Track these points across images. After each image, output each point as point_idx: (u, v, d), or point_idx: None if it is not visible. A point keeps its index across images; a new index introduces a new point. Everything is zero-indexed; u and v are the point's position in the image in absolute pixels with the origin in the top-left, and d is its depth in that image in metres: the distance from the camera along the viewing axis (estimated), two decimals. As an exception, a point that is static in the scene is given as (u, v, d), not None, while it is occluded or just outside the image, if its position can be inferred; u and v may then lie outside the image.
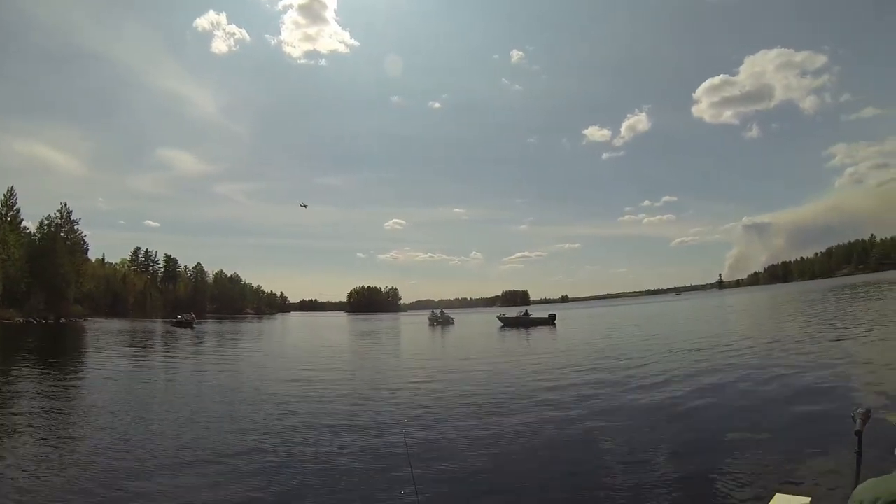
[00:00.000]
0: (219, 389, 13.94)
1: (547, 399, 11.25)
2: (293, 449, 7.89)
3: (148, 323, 72.88)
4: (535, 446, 7.85)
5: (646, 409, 9.93)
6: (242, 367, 20.07)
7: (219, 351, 29.12)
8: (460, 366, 18.68)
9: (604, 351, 20.91)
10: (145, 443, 8.45)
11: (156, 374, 18.41)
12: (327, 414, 10.47)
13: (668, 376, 13.32)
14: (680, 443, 7.58)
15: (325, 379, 15.69)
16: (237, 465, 7.19)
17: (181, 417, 10.43)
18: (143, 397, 13.01)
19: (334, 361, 22.06)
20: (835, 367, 12.89)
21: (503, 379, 14.77)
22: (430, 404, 11.22)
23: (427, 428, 9.01)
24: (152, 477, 6.70)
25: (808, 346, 16.93)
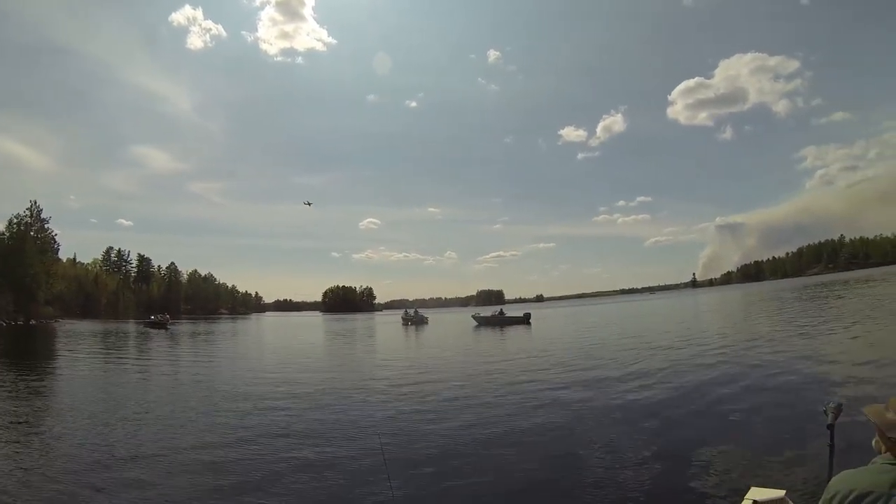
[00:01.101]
0: (192, 392, 13.61)
1: (523, 398, 11.26)
2: (266, 451, 7.76)
3: (121, 324, 71.27)
4: (513, 445, 7.84)
5: (622, 406, 9.99)
6: (217, 369, 19.68)
7: (193, 352, 28.58)
8: (435, 366, 18.57)
9: (579, 350, 20.99)
10: (114, 448, 8.22)
11: (128, 377, 17.96)
12: (301, 415, 10.32)
13: (644, 374, 13.43)
14: (656, 440, 7.64)
15: (298, 380, 15.39)
16: (209, 469, 7.04)
17: (152, 421, 10.18)
18: (114, 401, 12.63)
19: (307, 362, 21.74)
20: (806, 363, 13.16)
21: (478, 379, 14.65)
22: (404, 404, 11.13)
23: (402, 430, 8.92)
24: (118, 483, 6.53)
25: (780, 344, 17.24)
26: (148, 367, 20.77)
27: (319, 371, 18.36)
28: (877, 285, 51.24)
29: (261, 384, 14.72)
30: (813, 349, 15.35)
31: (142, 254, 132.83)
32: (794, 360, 13.59)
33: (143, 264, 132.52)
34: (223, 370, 19.18)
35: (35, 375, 18.03)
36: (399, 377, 15.66)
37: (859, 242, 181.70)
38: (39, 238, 78.92)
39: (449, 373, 16.15)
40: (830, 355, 14.03)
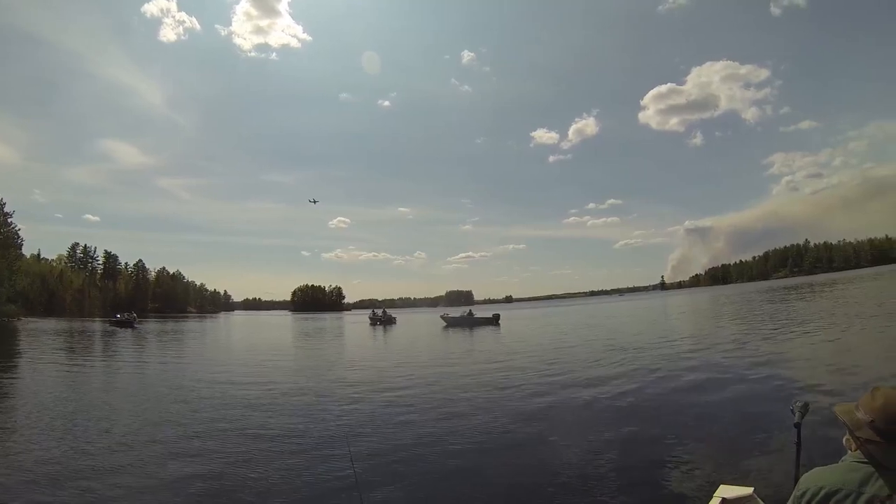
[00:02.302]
0: (158, 394, 13.16)
1: (492, 399, 11.26)
2: (230, 457, 7.53)
3: (86, 322, 69.53)
4: (483, 446, 7.81)
5: (591, 407, 10.05)
6: (185, 370, 19.09)
7: (161, 352, 27.82)
8: (404, 368, 18.26)
9: (548, 351, 20.96)
10: (73, 451, 7.97)
11: (92, 378, 17.41)
12: (267, 419, 10.10)
13: (612, 375, 13.52)
14: (626, 440, 7.70)
15: (265, 382, 15.05)
16: (171, 476, 6.81)
17: (115, 427, 9.82)
18: (76, 403, 12.26)
19: (274, 364, 21.19)
20: (772, 363, 13.44)
21: (447, 380, 14.50)
22: (373, 407, 10.98)
23: (371, 433, 8.80)
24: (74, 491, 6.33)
25: (747, 345, 17.56)
26: (113, 368, 20.19)
27: (286, 373, 18.03)
28: (840, 289, 52.63)
29: (227, 386, 14.38)
30: (779, 350, 15.68)
31: (109, 250, 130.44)
32: (760, 361, 13.84)
33: (110, 261, 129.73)
34: (191, 371, 18.66)
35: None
36: (366, 379, 15.43)
37: (823, 247, 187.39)
38: (2, 233, 76.22)
39: (418, 375, 15.92)
40: (796, 356, 14.36)
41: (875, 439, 1.94)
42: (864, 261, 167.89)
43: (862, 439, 1.99)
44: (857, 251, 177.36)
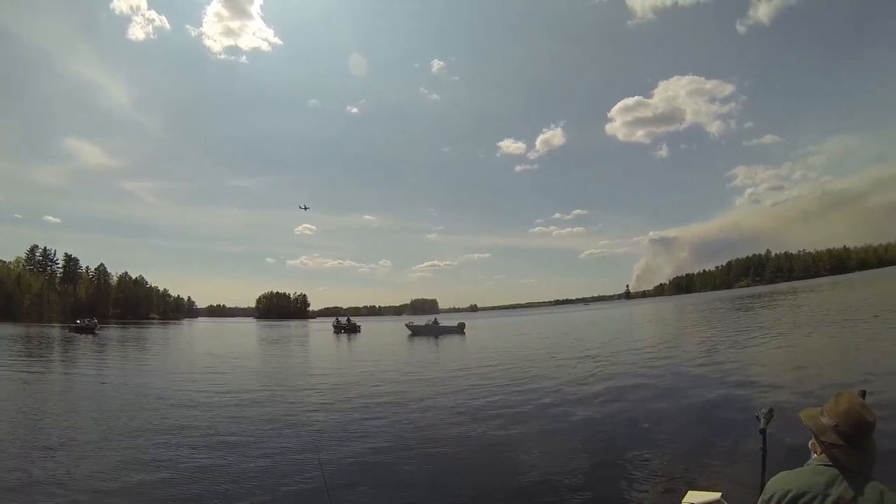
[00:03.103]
0: (120, 404, 12.65)
1: (458, 408, 11.25)
2: (196, 468, 7.30)
3: (45, 328, 66.99)
4: (450, 455, 7.79)
5: (557, 415, 10.07)
6: (148, 378, 18.47)
7: (122, 360, 26.99)
8: (370, 376, 17.98)
9: (514, 360, 20.94)
10: (28, 464, 7.62)
11: (52, 386, 16.71)
12: (234, 428, 9.87)
13: (578, 383, 13.61)
14: (593, 448, 7.76)
15: (230, 391, 14.68)
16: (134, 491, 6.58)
17: (77, 434, 9.52)
18: (32, 412, 11.74)
19: (239, 372, 20.61)
20: (737, 370, 13.71)
21: (414, 389, 14.40)
22: (341, 416, 10.85)
23: (340, 441, 8.70)
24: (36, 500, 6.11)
25: (711, 352, 17.88)
26: (73, 376, 19.44)
27: (251, 380, 17.61)
28: (800, 297, 54.20)
29: (192, 394, 14.00)
30: (743, 357, 16.01)
31: (69, 253, 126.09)
32: (725, 368, 14.10)
33: (71, 265, 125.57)
34: (154, 379, 18.09)
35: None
36: (332, 387, 15.27)
37: (784, 257, 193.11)
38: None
39: (384, 383, 15.76)
40: (760, 363, 14.68)
41: (839, 443, 2.00)
42: (822, 270, 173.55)
43: (826, 443, 2.05)
44: (816, 261, 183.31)
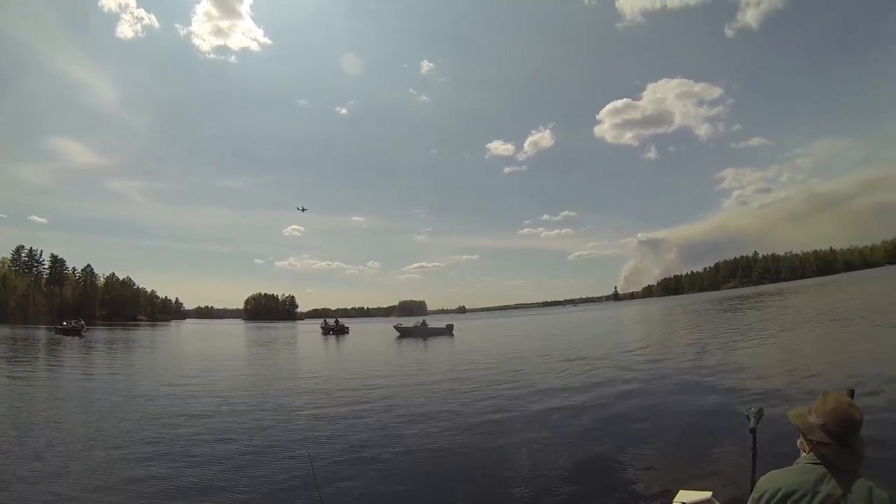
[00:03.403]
0: (109, 406, 12.53)
1: (448, 409, 11.24)
2: (187, 469, 7.28)
3: (30, 330, 66.29)
4: (441, 456, 7.78)
5: (548, 416, 10.09)
6: (136, 381, 18.30)
7: (110, 362, 26.75)
8: (359, 378, 17.98)
9: (503, 361, 20.93)
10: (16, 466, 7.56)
11: (35, 390, 16.40)
12: (224, 429, 9.83)
13: (568, 384, 13.63)
14: (584, 448, 7.78)
15: (219, 393, 14.59)
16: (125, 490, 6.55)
17: (64, 435, 9.46)
18: (19, 414, 11.66)
19: (228, 374, 20.52)
20: (726, 370, 13.83)
21: (403, 390, 14.43)
22: (330, 417, 10.82)
23: (330, 443, 8.65)
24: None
25: (701, 353, 17.96)
26: (60, 379, 19.22)
27: (241, 382, 17.57)
28: (787, 298, 54.73)
29: (181, 397, 13.90)
30: (732, 358, 16.15)
31: (55, 254, 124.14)
32: (715, 369, 14.18)
33: (57, 265, 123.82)
34: (143, 381, 17.95)
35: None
36: (322, 388, 15.22)
37: (771, 259, 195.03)
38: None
39: (373, 386, 15.65)
40: (749, 363, 14.80)
41: (827, 441, 2.05)
42: (809, 271, 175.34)
43: (815, 442, 2.10)
44: (802, 262, 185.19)
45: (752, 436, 3.22)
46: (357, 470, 7.08)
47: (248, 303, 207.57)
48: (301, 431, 9.45)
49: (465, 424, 9.56)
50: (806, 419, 2.17)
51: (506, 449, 7.92)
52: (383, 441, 8.64)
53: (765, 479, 2.19)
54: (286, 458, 7.66)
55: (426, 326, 47.15)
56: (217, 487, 6.49)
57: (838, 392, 2.18)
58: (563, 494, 5.91)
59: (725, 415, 8.92)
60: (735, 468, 5.97)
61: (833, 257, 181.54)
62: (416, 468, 7.16)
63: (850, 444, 2.02)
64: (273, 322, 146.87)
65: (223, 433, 9.44)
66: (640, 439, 8.03)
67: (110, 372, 21.53)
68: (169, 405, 12.49)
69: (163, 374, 20.10)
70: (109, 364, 25.24)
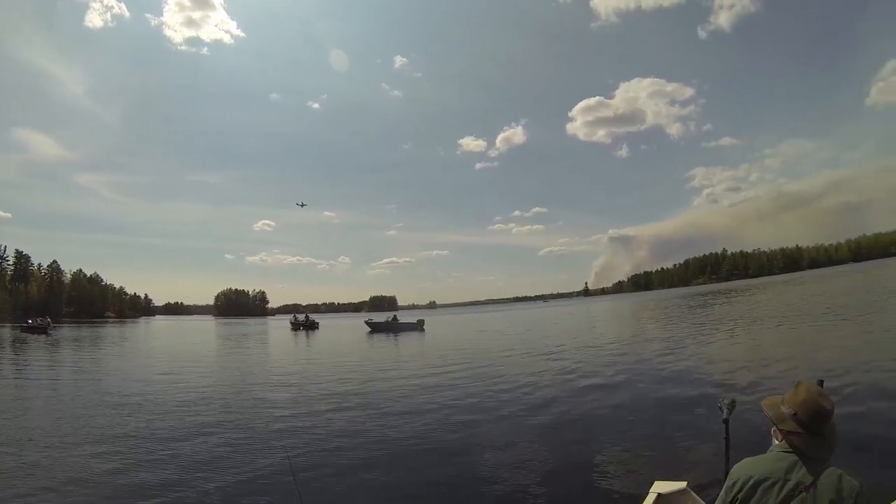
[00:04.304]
0: (77, 407, 12.23)
1: (422, 405, 11.23)
2: (162, 472, 7.10)
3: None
4: (415, 452, 7.76)
5: (523, 410, 10.11)
6: (105, 380, 17.82)
7: (77, 360, 26.00)
8: (332, 374, 17.83)
9: (475, 356, 20.90)
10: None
11: (2, 389, 15.95)
12: (199, 430, 9.61)
13: (541, 379, 13.70)
14: (558, 442, 7.86)
15: (191, 391, 14.36)
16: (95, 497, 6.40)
17: (32, 435, 9.27)
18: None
19: (199, 372, 20.05)
20: (698, 363, 14.16)
21: (376, 386, 14.37)
22: (306, 414, 10.75)
23: (308, 441, 8.58)
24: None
25: (673, 347, 18.26)
26: (26, 378, 18.75)
27: (212, 381, 17.16)
28: (755, 294, 56.11)
29: (151, 395, 13.60)
30: (704, 351, 16.48)
31: (20, 250, 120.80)
32: (687, 363, 14.46)
33: (22, 262, 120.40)
34: (113, 380, 17.51)
35: None
36: (295, 385, 15.10)
37: (739, 256, 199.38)
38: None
39: (346, 380, 15.63)
40: (720, 356, 15.15)
41: (798, 431, 2.12)
42: (776, 268, 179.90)
43: (786, 431, 2.17)
44: (770, 259, 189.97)
45: (725, 426, 3.31)
46: (335, 468, 7.06)
47: (219, 298, 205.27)
48: (277, 431, 9.35)
49: (439, 421, 9.54)
50: (778, 409, 2.24)
51: (480, 445, 7.90)
52: (359, 438, 8.60)
53: (737, 467, 2.25)
54: (263, 456, 7.60)
55: (397, 322, 47.10)
56: (192, 488, 6.41)
57: (810, 383, 2.24)
58: (539, 488, 5.95)
59: (699, 407, 9.09)
60: (709, 458, 6.10)
61: (799, 255, 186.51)
62: (393, 466, 7.13)
63: (821, 433, 2.09)
64: (244, 318, 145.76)
65: (195, 432, 9.30)
66: (614, 432, 8.12)
67: (78, 370, 20.98)
68: (139, 404, 12.25)
69: (132, 373, 19.66)
70: (77, 363, 24.56)
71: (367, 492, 6.28)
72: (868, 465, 4.47)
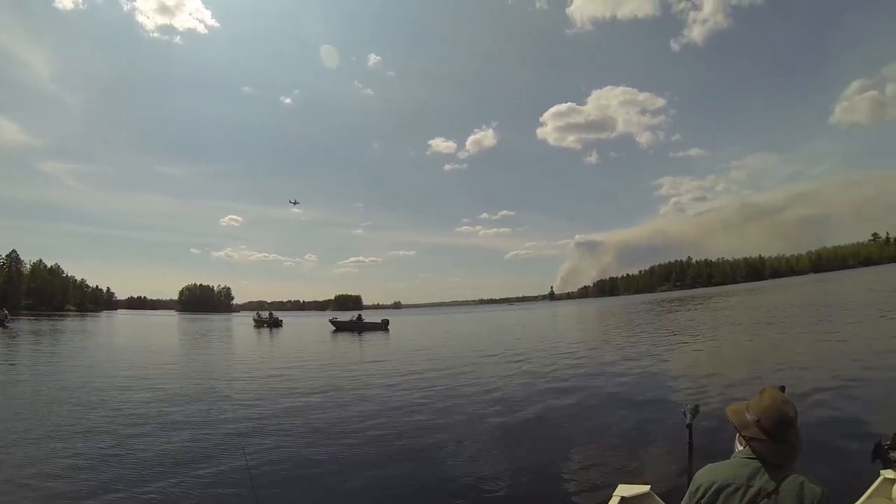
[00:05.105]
0: (31, 404, 11.79)
1: (384, 405, 11.14)
2: (113, 474, 6.81)
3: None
4: (378, 454, 7.66)
5: (485, 415, 10.00)
6: (65, 375, 17.30)
7: (34, 355, 25.02)
8: (294, 372, 17.62)
9: (439, 358, 20.80)
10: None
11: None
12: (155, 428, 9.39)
13: (504, 382, 13.63)
14: (522, 446, 7.83)
15: (152, 387, 14.02)
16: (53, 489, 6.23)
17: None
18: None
19: (158, 369, 19.44)
20: (663, 369, 14.30)
21: (337, 385, 14.23)
22: (265, 413, 10.60)
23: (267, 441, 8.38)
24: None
25: (637, 352, 18.44)
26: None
27: (172, 378, 16.64)
28: (718, 301, 57.52)
29: (112, 393, 13.20)
30: (668, 357, 16.68)
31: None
32: (651, 368, 14.61)
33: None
34: (71, 376, 16.83)
35: None
36: (258, 386, 14.62)
37: (704, 264, 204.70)
38: None
39: (308, 379, 15.52)
40: (684, 362, 15.36)
41: (761, 437, 2.12)
42: (739, 277, 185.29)
43: (748, 437, 2.18)
44: (733, 268, 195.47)
45: (688, 431, 3.35)
46: (292, 465, 6.99)
47: (183, 293, 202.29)
48: (234, 428, 9.16)
49: (401, 424, 9.39)
50: (742, 415, 2.25)
51: (442, 449, 7.79)
52: (317, 436, 8.52)
53: (701, 472, 2.26)
54: (220, 453, 7.48)
55: (362, 321, 46.83)
56: (145, 484, 6.24)
57: (774, 389, 2.26)
58: (502, 492, 5.90)
59: (663, 411, 9.18)
60: (673, 463, 6.14)
61: (762, 264, 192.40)
62: (349, 466, 7.03)
63: (784, 439, 2.10)
64: (208, 314, 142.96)
65: (152, 430, 9.08)
66: (579, 436, 8.15)
67: (37, 365, 20.25)
68: (100, 400, 11.92)
69: (93, 369, 18.98)
70: (36, 357, 23.59)
71: (323, 489, 6.21)
72: (829, 470, 4.57)
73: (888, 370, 11.16)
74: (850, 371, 11.28)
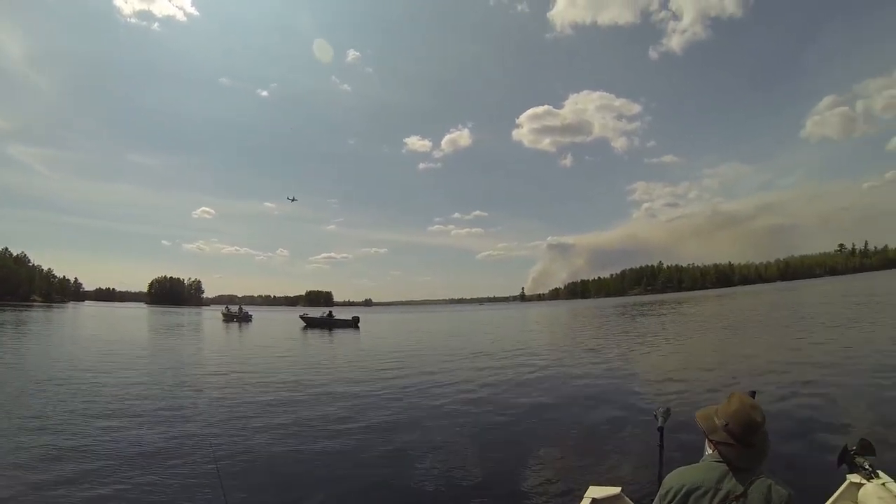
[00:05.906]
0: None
1: (352, 403, 11.07)
2: (75, 470, 6.63)
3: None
4: (346, 451, 7.61)
5: (454, 414, 9.96)
6: (26, 369, 16.79)
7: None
8: (264, 368, 17.47)
9: (409, 356, 20.75)
10: None
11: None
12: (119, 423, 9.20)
13: (475, 383, 13.56)
14: (492, 447, 7.77)
15: (113, 383, 13.62)
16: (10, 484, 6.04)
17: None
18: None
19: (124, 362, 18.87)
20: (634, 372, 14.48)
21: (307, 381, 14.12)
22: (235, 410, 10.40)
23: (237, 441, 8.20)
24: None
25: (608, 355, 18.55)
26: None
27: (138, 373, 16.10)
28: (689, 306, 58.48)
29: (75, 388, 12.84)
30: (639, 360, 16.87)
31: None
32: (623, 371, 14.75)
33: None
34: (33, 371, 16.33)
35: None
36: (225, 382, 14.40)
37: (674, 269, 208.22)
38: None
39: (278, 375, 15.35)
40: (655, 366, 15.53)
41: (729, 441, 2.15)
42: (709, 283, 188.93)
43: (717, 441, 2.21)
44: (703, 274, 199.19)
45: (659, 434, 3.39)
46: (262, 469, 6.86)
47: (153, 286, 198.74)
48: (204, 429, 8.91)
49: (370, 424, 9.27)
50: (712, 420, 2.27)
51: (409, 450, 7.68)
52: (289, 438, 8.35)
53: (671, 476, 2.28)
54: (189, 454, 7.29)
55: (332, 318, 46.80)
56: (111, 486, 6.06)
57: (743, 394, 2.29)
58: (470, 495, 5.85)
59: (634, 414, 9.21)
60: (643, 465, 6.21)
61: (731, 271, 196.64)
62: (318, 472, 6.86)
63: (752, 444, 2.12)
64: (178, 307, 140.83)
65: (118, 427, 8.86)
66: (549, 437, 8.18)
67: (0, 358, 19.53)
68: (62, 398, 11.51)
69: (56, 363, 18.39)
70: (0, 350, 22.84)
71: (292, 486, 6.18)
72: (796, 474, 4.68)
73: (856, 376, 11.40)
74: (818, 377, 11.51)
